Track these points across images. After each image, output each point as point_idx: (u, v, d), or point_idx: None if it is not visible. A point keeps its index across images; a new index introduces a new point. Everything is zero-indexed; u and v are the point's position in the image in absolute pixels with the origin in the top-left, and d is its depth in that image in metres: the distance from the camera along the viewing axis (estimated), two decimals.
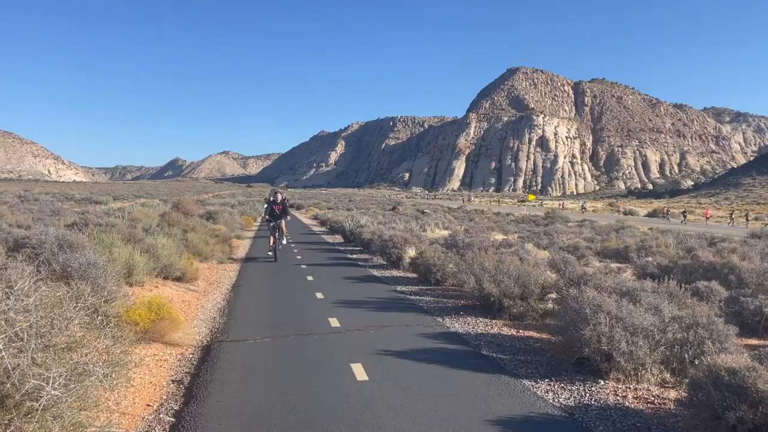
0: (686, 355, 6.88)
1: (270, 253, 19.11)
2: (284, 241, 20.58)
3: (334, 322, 9.97)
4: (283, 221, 19.94)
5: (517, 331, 9.83)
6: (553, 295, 11.60)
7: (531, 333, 9.68)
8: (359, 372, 7.25)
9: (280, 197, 20.38)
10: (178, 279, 13.83)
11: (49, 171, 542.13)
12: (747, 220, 66.55)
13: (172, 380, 7.14)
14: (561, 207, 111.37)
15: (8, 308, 4.08)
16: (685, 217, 68.29)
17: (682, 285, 11.25)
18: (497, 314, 10.77)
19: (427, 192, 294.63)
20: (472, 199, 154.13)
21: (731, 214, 71.95)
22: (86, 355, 4.25)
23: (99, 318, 4.58)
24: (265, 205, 22.67)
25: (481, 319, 10.60)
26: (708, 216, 74.68)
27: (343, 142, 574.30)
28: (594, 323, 7.11)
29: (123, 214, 21.46)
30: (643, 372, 6.92)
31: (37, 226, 16.23)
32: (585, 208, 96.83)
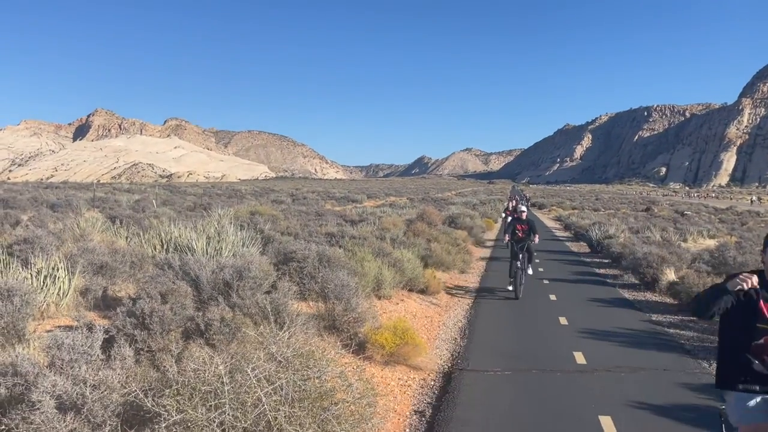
0: None
1: (510, 287, 15.09)
2: (530, 271, 15.88)
3: (579, 358, 9.33)
4: (531, 243, 15.52)
5: None
6: None
7: None
8: (608, 427, 6.62)
9: (524, 210, 16.63)
10: (422, 291, 14.31)
11: (315, 170, 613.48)
12: None
13: (415, 411, 7.31)
14: None
15: (271, 359, 4.47)
16: None
17: None
18: None
19: (687, 188, 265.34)
20: (756, 199, 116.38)
21: None
22: (335, 404, 4.47)
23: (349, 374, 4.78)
24: (503, 215, 19.58)
25: None
26: None
27: (590, 135, 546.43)
28: None
29: (375, 220, 23.06)
30: None
31: (303, 233, 18.22)
32: None
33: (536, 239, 15.72)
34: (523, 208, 16.98)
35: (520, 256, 14.69)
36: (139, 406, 4.20)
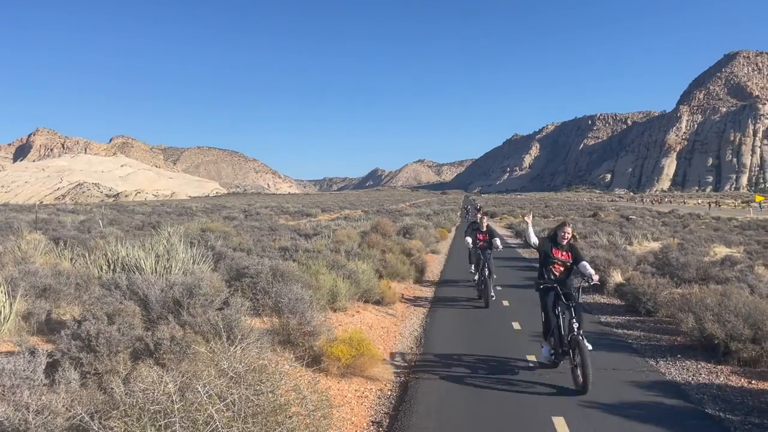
0: None
1: (480, 297, 15.15)
2: (492, 294, 14.87)
3: (533, 361, 9.50)
4: (491, 256, 15.55)
5: (749, 382, 8.50)
6: None
7: (766, 385, 8.29)
8: (561, 427, 6.77)
9: (485, 222, 16.53)
10: (378, 302, 14.32)
11: (268, 184, 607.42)
12: None
13: (372, 421, 7.30)
14: None
15: (222, 375, 4.41)
16: None
17: None
18: (723, 358, 9.42)
19: (632, 193, 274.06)
20: (715, 204, 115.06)
21: None
22: (289, 418, 4.43)
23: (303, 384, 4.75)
24: (470, 241, 16.70)
25: (702, 364, 9.35)
26: None
27: (538, 145, 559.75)
28: None
29: (329, 233, 22.97)
30: None
31: (256, 248, 18.00)
32: None
33: (499, 245, 15.86)
34: (485, 221, 16.65)
35: (486, 264, 14.96)
36: (85, 429, 4.08)
